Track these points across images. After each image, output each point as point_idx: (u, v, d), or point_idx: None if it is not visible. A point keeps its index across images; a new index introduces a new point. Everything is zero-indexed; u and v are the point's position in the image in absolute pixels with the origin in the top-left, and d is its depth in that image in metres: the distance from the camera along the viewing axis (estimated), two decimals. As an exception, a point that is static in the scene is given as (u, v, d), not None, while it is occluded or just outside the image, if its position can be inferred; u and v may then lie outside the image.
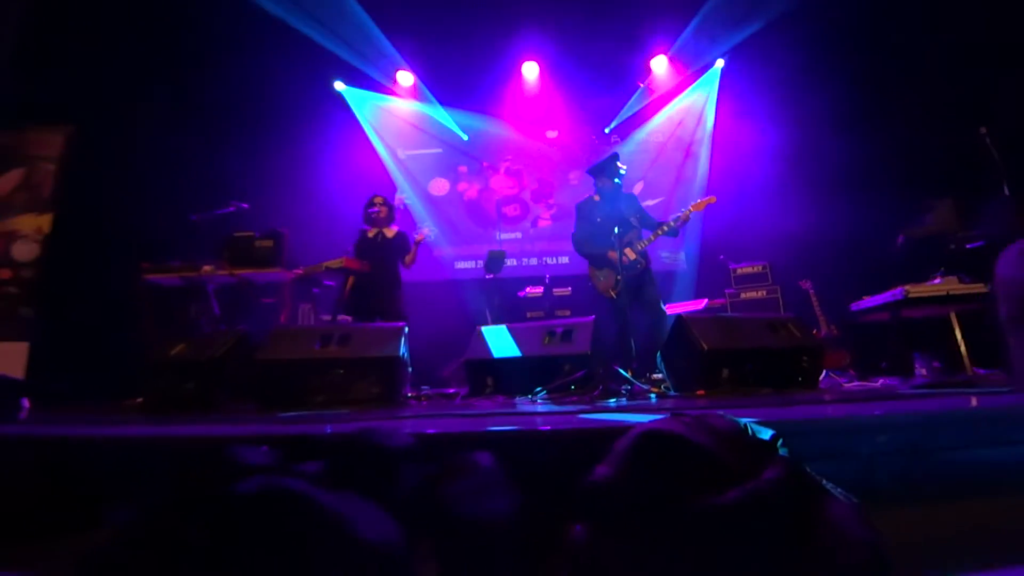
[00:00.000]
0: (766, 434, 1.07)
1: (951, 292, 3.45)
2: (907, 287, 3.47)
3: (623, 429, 1.11)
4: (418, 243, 4.16)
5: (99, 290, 4.62)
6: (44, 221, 4.58)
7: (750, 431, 1.06)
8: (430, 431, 1.24)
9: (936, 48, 4.97)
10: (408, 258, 4.19)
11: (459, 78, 6.67)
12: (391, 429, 1.10)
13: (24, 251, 4.51)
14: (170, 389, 2.75)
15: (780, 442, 1.05)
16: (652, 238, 3.57)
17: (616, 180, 3.70)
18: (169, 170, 5.14)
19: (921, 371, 3.80)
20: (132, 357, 3.26)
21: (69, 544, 1.32)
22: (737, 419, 1.08)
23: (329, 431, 1.53)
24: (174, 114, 5.35)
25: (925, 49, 5.05)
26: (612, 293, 3.56)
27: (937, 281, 3.51)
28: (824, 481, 1.04)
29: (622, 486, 0.98)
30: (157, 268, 3.91)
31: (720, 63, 6.45)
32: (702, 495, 0.92)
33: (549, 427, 1.31)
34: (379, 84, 6.74)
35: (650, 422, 1.06)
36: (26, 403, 3.97)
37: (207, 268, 3.87)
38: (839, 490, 1.02)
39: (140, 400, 2.98)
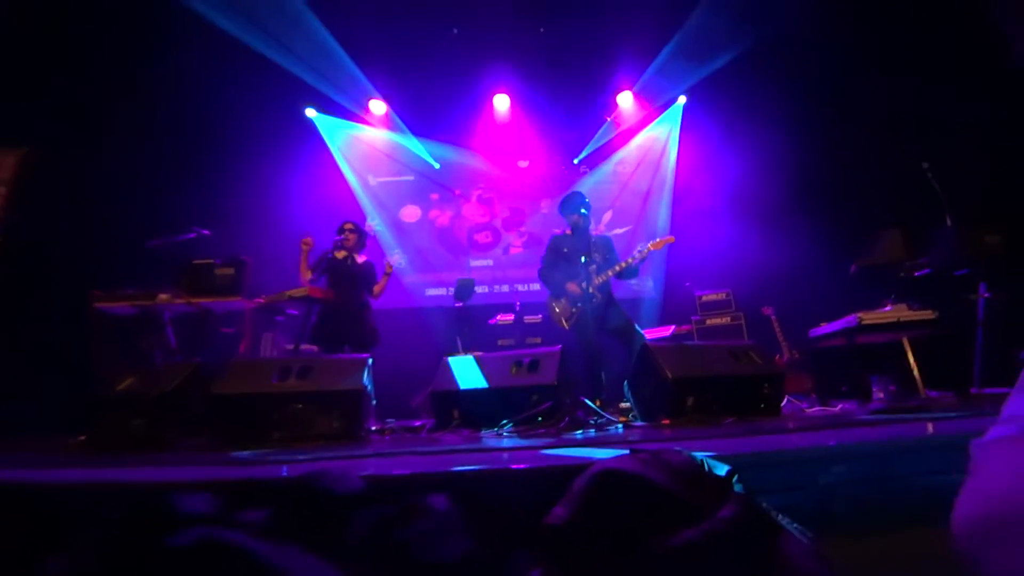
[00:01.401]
0: (722, 469, 1.07)
1: (902, 319, 3.59)
2: (860, 314, 3.59)
3: (583, 467, 1.09)
4: (387, 275, 4.16)
5: (46, 318, 4.39)
6: (-9, 246, 4.34)
7: (706, 467, 1.06)
8: (385, 472, 1.20)
9: (884, 87, 5.32)
10: (377, 288, 4.19)
11: (431, 108, 6.75)
12: (340, 473, 1.06)
13: (-33, 278, 4.25)
14: (117, 426, 2.60)
15: (736, 477, 1.06)
16: (609, 274, 3.62)
17: (583, 211, 3.77)
18: (127, 194, 4.99)
19: (879, 394, 3.92)
20: (79, 390, 3.09)
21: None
22: (694, 454, 1.08)
23: (285, 473, 1.46)
24: (134, 137, 5.22)
25: (874, 88, 5.39)
26: (564, 323, 3.60)
27: (888, 308, 3.66)
28: (780, 516, 1.04)
29: (578, 527, 0.96)
30: (109, 296, 3.74)
31: (682, 99, 6.74)
32: (658, 535, 0.91)
33: (509, 466, 1.28)
34: (351, 112, 6.76)
35: (607, 460, 1.05)
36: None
37: (163, 296, 3.72)
38: (795, 525, 1.03)
39: (83, 438, 2.80)
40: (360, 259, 4.19)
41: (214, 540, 0.89)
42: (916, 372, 3.95)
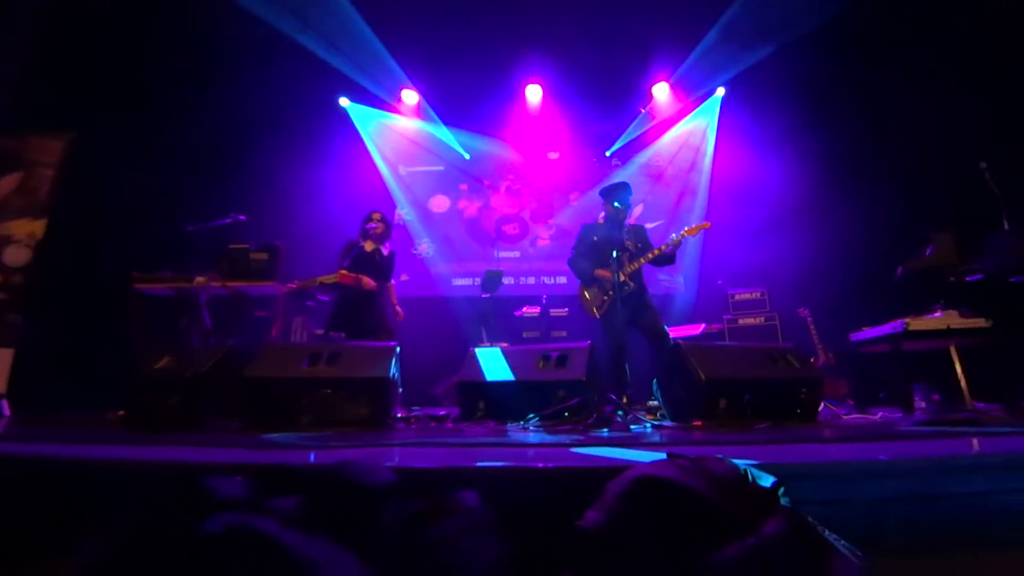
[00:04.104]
0: (767, 481, 1.01)
1: (952, 326, 3.41)
2: (908, 320, 3.42)
3: (617, 469, 1.05)
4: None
5: (89, 298, 4.56)
6: (38, 227, 4.52)
7: (750, 477, 1.01)
8: (415, 465, 1.18)
9: (938, 82, 5.03)
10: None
11: (463, 98, 6.71)
12: (371, 464, 1.04)
13: (16, 256, 4.45)
14: (153, 404, 2.67)
15: (782, 490, 1.00)
16: (642, 261, 3.52)
17: (616, 204, 3.68)
18: (167, 180, 5.12)
19: (920, 404, 3.75)
20: (118, 368, 3.19)
21: (34, 572, 1.25)
22: (737, 464, 1.03)
23: (313, 460, 1.47)
24: (174, 124, 5.35)
25: (927, 83, 5.10)
26: (595, 312, 3.51)
27: (938, 315, 3.48)
28: (827, 532, 0.98)
29: (614, 535, 0.92)
30: (148, 278, 3.85)
31: (721, 91, 6.51)
32: (699, 549, 0.87)
33: (540, 463, 1.25)
34: (383, 101, 6.78)
35: (645, 465, 1.00)
36: (6, 409, 3.88)
37: (200, 279, 3.81)
38: (843, 543, 0.97)
39: (122, 413, 2.90)
40: (385, 250, 4.19)
41: (246, 528, 0.89)
42: (963, 382, 3.76)
